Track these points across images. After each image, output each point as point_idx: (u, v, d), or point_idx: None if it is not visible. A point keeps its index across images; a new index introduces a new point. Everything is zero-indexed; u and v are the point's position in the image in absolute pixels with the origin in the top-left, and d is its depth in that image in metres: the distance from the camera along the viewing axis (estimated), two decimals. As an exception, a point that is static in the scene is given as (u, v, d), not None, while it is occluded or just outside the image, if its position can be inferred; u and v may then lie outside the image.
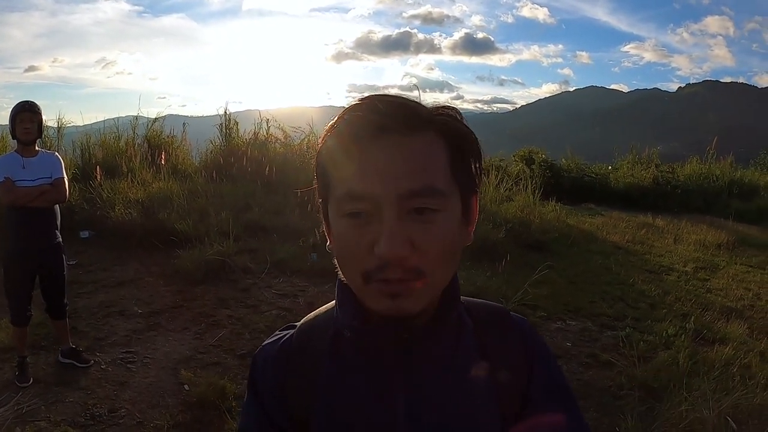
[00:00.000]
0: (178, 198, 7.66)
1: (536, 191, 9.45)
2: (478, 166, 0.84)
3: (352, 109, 0.77)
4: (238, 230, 6.78)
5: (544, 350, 0.97)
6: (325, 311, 0.95)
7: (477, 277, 5.89)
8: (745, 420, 3.46)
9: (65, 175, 3.94)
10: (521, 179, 10.23)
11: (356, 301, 0.82)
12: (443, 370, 0.86)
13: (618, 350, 4.69)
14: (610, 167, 14.78)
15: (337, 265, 0.82)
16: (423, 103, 0.80)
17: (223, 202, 7.74)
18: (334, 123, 0.78)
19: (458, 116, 0.81)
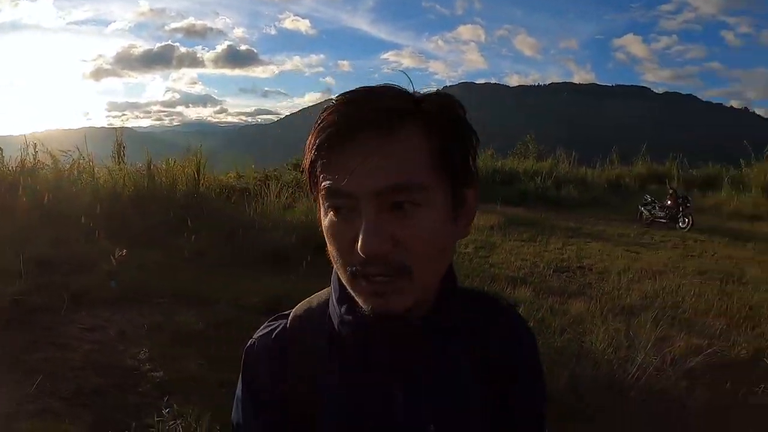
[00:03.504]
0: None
1: (317, 195, 9.76)
2: (471, 157, 0.84)
3: (336, 103, 0.78)
4: (23, 266, 6.13)
5: (534, 349, 1.01)
6: (318, 302, 0.95)
7: (279, 283, 6.00)
8: (547, 359, 3.96)
9: None
10: (300, 186, 10.59)
11: (353, 297, 0.83)
12: (440, 368, 0.87)
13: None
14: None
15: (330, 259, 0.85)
16: (410, 90, 0.81)
17: (-4, 238, 6.93)
18: (317, 117, 0.79)
19: (451, 106, 0.82)
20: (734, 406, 3.92)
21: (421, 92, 0.82)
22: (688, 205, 11.77)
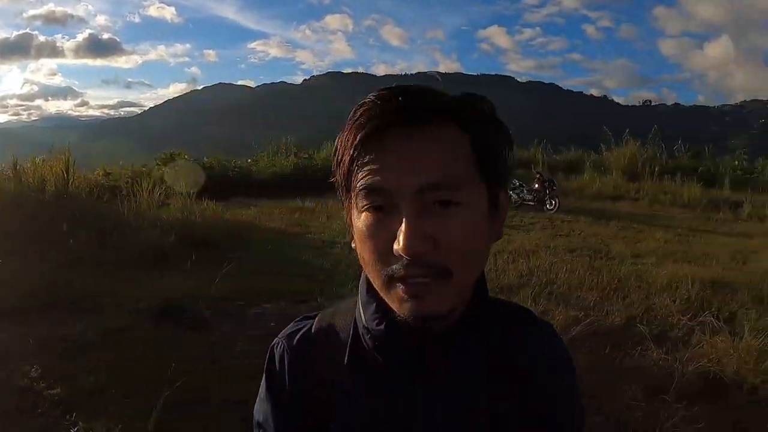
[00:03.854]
0: None
1: (190, 192, 9.56)
2: (506, 159, 0.83)
3: (372, 100, 0.75)
4: None
5: (563, 360, 0.97)
6: (346, 306, 0.94)
7: (164, 284, 5.80)
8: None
9: None
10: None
11: (380, 301, 0.81)
12: (456, 370, 0.84)
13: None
14: (249, 160, 15.61)
15: (361, 263, 0.81)
16: (445, 92, 0.79)
17: None
18: (353, 115, 0.77)
19: (486, 107, 0.81)
20: (613, 370, 4.23)
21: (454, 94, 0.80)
22: (554, 188, 12.45)
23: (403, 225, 0.71)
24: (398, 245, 0.71)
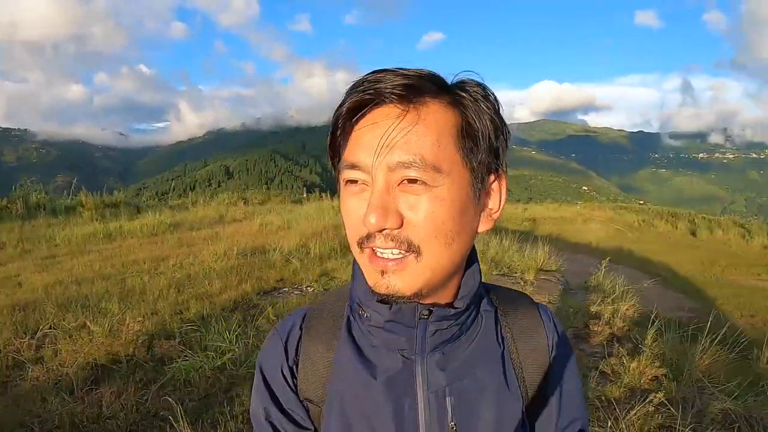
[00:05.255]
0: None
1: None
2: (500, 146, 0.80)
3: (362, 79, 0.77)
4: None
5: (564, 344, 0.98)
6: (338, 291, 0.97)
7: None
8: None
9: None
10: None
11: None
12: (464, 358, 0.86)
13: None
14: None
15: None
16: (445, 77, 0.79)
17: None
18: (347, 90, 0.78)
19: (484, 93, 0.79)
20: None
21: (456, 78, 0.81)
22: None
23: (371, 200, 0.74)
24: (365, 218, 0.74)
